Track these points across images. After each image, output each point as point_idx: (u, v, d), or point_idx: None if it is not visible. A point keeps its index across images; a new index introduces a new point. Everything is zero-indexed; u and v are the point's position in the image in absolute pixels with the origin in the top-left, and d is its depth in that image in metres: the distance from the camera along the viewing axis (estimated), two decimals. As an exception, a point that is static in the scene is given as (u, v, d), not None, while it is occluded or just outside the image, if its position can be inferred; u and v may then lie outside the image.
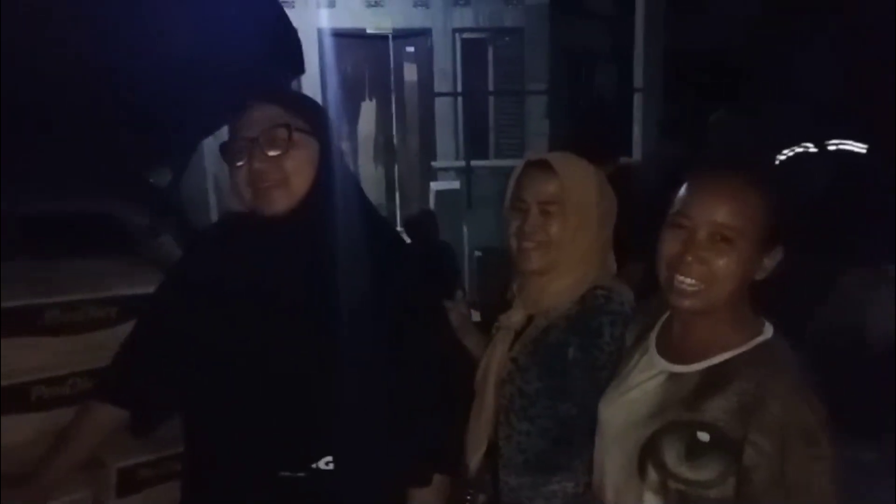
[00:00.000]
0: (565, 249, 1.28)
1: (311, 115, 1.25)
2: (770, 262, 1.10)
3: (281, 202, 1.19)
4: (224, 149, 1.21)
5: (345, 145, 6.53)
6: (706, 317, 1.11)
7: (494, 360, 1.31)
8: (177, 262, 1.33)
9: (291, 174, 1.20)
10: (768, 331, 1.12)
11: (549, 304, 1.29)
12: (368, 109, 7.03)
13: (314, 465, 1.16)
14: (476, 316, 1.59)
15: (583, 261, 1.29)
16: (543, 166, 1.30)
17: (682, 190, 1.13)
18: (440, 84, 6.82)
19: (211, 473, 1.23)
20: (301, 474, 1.16)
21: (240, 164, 1.18)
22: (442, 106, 6.89)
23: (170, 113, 1.67)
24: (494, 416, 1.32)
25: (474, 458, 1.33)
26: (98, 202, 1.85)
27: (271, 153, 1.18)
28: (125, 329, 1.33)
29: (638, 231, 1.31)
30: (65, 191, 1.78)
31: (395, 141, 7.09)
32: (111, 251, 1.78)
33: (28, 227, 1.79)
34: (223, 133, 1.27)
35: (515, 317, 1.32)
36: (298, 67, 1.67)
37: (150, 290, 1.33)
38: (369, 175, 6.92)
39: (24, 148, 1.62)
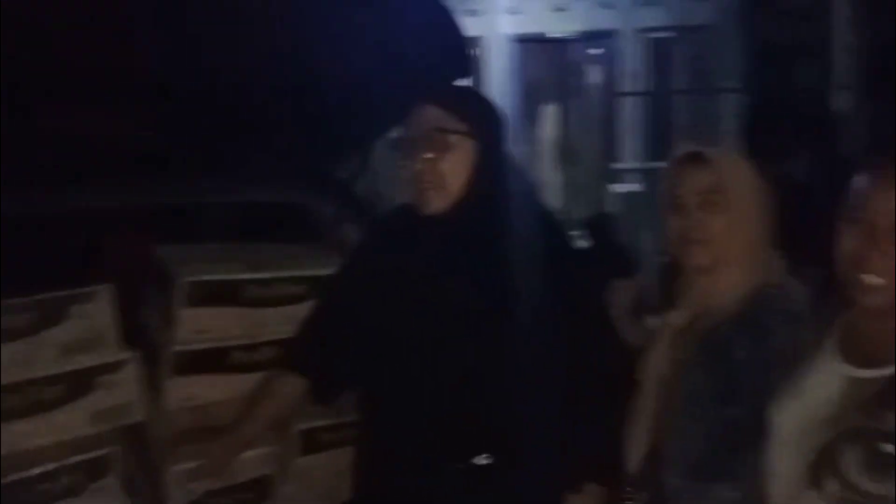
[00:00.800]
0: (729, 244, 1.26)
1: (473, 117, 1.32)
2: None
3: (437, 203, 1.29)
4: (394, 146, 1.31)
5: (526, 149, 6.61)
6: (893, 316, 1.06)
7: (658, 360, 1.32)
8: (354, 247, 1.46)
9: (447, 176, 1.29)
10: None
11: (715, 302, 1.28)
12: (550, 113, 7.07)
13: (472, 460, 1.23)
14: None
15: (748, 256, 1.27)
16: (697, 160, 1.29)
17: (859, 182, 1.08)
18: (624, 85, 6.72)
19: (376, 449, 1.33)
20: (459, 466, 1.23)
21: (405, 162, 1.28)
22: (625, 107, 6.79)
23: (353, 111, 1.82)
24: (657, 417, 1.32)
25: (635, 459, 1.34)
26: (294, 194, 2.05)
27: (428, 155, 1.27)
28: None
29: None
30: (268, 183, 1.99)
31: (575, 144, 7.08)
32: (303, 237, 1.96)
33: (234, 213, 2.03)
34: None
35: (681, 316, 1.31)
36: (465, 70, 1.77)
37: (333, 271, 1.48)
38: (550, 178, 6.95)
39: (236, 144, 1.85)
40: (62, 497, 1.40)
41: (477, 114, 1.36)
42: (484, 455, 1.23)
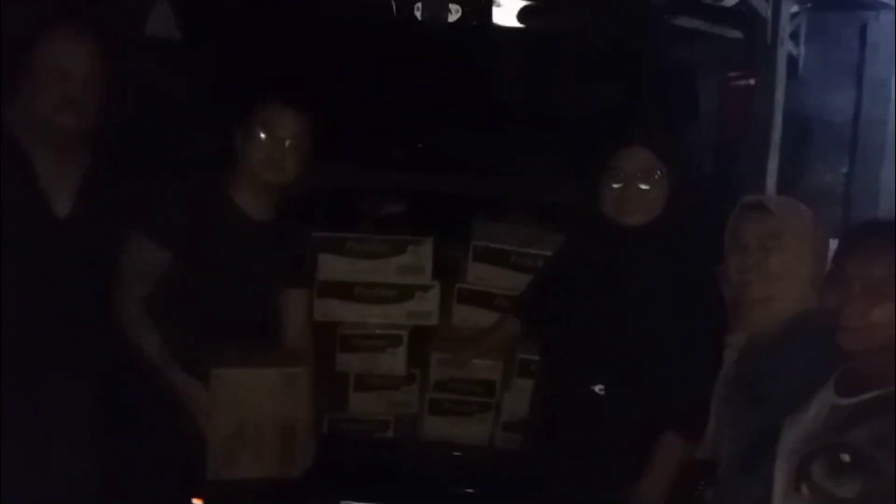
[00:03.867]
0: (782, 280, 1.57)
1: (673, 160, 1.87)
2: None
3: (638, 220, 1.85)
4: (599, 170, 1.90)
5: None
6: (868, 355, 1.33)
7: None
8: (569, 239, 2.14)
9: (651, 202, 1.85)
10: None
11: (766, 328, 1.60)
12: None
13: (592, 387, 1.84)
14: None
15: (797, 289, 1.57)
16: (760, 207, 1.62)
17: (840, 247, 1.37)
18: None
19: (546, 378, 2.02)
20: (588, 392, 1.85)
21: (616, 185, 1.87)
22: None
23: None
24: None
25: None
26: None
27: (642, 187, 1.85)
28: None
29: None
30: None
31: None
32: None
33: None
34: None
35: (739, 339, 1.68)
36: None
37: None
38: None
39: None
40: (379, 350, 2.37)
41: (676, 157, 1.89)
42: (600, 386, 1.83)
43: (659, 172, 1.82)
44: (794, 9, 4.48)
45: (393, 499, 2.27)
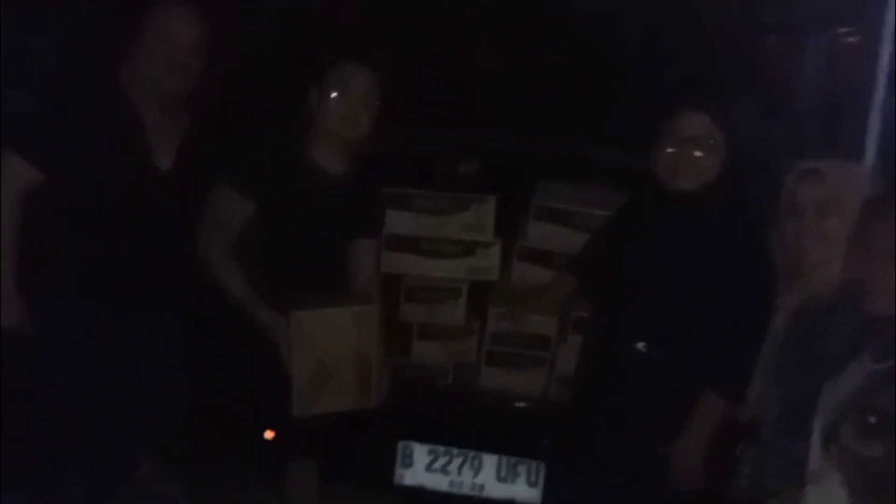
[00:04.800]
0: (840, 244, 1.60)
1: (729, 127, 1.90)
2: None
3: (690, 184, 1.91)
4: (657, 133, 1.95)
5: None
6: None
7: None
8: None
9: (704, 168, 1.90)
10: None
11: (821, 292, 1.65)
12: None
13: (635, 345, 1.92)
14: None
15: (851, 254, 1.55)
16: (815, 174, 1.66)
17: None
18: None
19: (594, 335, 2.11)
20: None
21: (671, 150, 1.92)
22: None
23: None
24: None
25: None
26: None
27: (696, 153, 1.90)
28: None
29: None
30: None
31: None
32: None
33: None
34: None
35: (791, 302, 1.73)
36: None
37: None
38: None
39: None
40: (440, 301, 2.50)
41: (731, 124, 1.92)
42: (643, 344, 1.92)
43: (713, 139, 1.86)
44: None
45: (448, 442, 2.41)
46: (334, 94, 2.11)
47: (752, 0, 2.61)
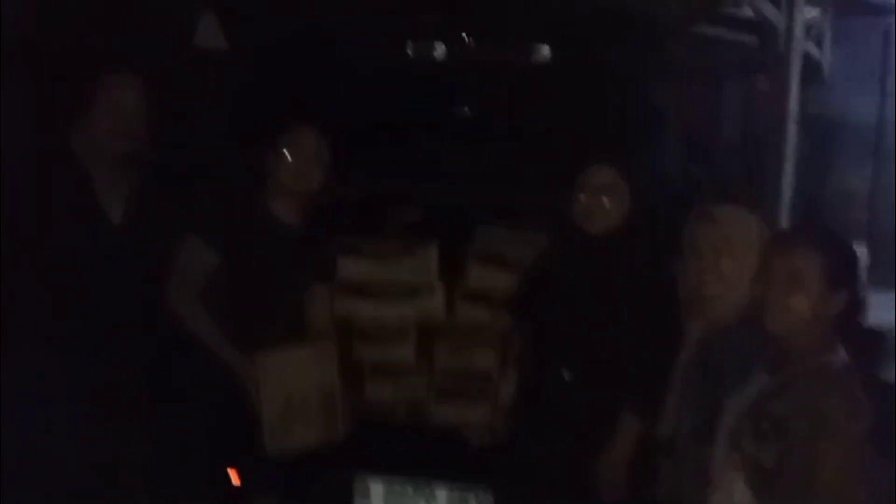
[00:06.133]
0: (733, 279, 1.79)
1: (632, 175, 2.15)
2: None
3: (601, 228, 2.15)
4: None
5: None
6: (788, 337, 1.59)
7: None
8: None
9: (612, 213, 2.14)
10: (840, 353, 1.58)
11: (722, 319, 1.83)
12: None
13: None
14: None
15: (745, 287, 1.73)
16: (709, 216, 1.84)
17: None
18: None
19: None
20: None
21: (583, 197, 2.16)
22: None
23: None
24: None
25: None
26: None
27: (605, 199, 2.13)
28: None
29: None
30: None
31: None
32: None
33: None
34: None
35: (696, 328, 1.91)
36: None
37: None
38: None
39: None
40: (390, 341, 2.68)
41: (634, 172, 2.18)
42: (568, 372, 2.14)
43: (620, 188, 2.11)
44: (814, 14, 4.64)
45: (402, 475, 2.56)
46: (287, 154, 2.32)
47: (658, 55, 2.91)
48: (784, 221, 3.59)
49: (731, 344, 1.81)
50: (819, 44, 5.77)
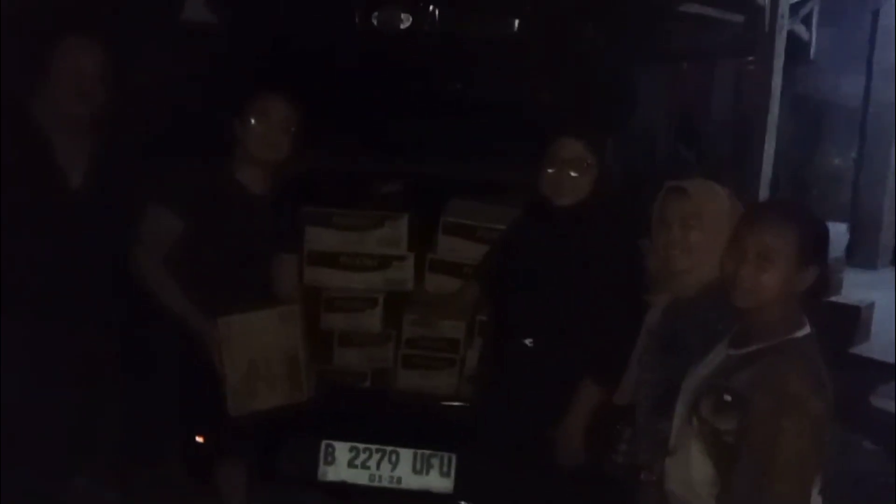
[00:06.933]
0: (701, 253, 1.79)
1: (600, 150, 2.18)
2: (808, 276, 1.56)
3: (568, 201, 2.18)
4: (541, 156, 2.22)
5: None
6: (755, 313, 1.60)
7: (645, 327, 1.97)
8: (516, 217, 2.45)
9: (579, 186, 2.17)
10: (806, 329, 1.58)
11: (688, 292, 1.84)
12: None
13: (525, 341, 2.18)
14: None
15: (715, 260, 1.69)
16: (680, 190, 1.83)
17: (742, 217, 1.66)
18: None
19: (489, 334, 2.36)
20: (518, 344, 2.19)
21: (551, 171, 2.19)
22: None
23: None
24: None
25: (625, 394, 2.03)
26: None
27: (573, 173, 2.17)
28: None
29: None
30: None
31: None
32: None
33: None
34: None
35: (663, 300, 1.91)
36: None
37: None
38: None
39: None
40: (358, 310, 2.73)
41: (603, 149, 2.21)
42: (529, 340, 2.17)
43: (587, 162, 2.14)
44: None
45: (367, 439, 2.63)
46: (255, 122, 2.33)
47: (635, 32, 2.92)
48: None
49: (695, 315, 1.83)
50: (807, 24, 5.79)
